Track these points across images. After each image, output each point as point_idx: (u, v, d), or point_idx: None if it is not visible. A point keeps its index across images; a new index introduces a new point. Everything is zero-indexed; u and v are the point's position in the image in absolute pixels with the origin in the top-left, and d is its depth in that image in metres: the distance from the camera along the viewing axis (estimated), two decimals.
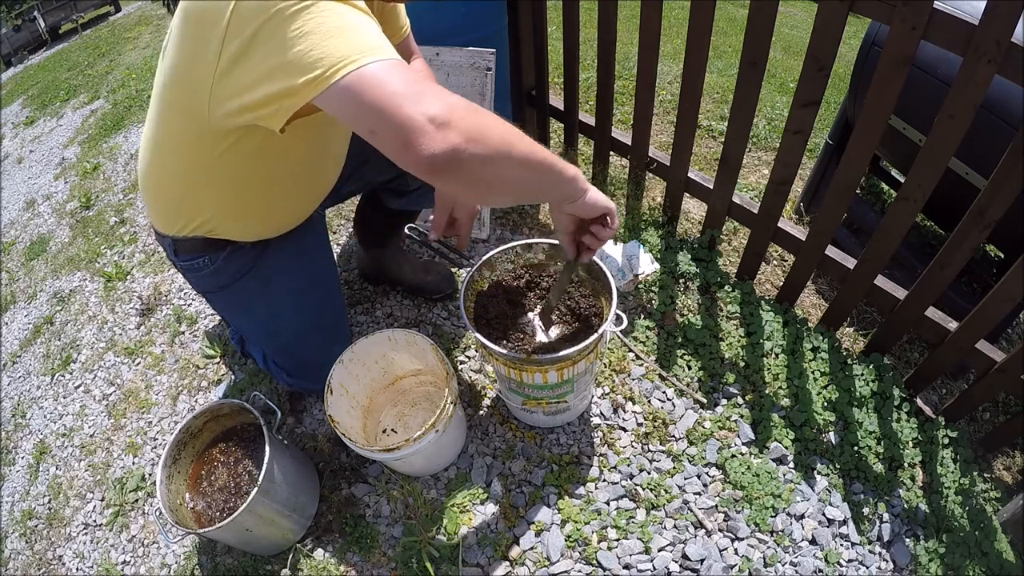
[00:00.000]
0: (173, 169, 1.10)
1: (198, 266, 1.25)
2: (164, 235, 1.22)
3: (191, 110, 0.93)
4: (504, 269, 1.37)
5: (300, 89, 0.74)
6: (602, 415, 1.53)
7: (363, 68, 0.72)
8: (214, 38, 0.80)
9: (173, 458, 1.32)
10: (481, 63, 1.76)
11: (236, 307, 1.40)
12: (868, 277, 1.47)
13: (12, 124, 4.55)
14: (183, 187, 1.12)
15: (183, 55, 0.90)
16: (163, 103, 1.01)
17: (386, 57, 0.74)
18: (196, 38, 0.84)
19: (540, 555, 1.31)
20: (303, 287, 1.38)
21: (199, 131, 0.96)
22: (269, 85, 0.78)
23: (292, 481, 1.32)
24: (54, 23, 9.10)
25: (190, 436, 1.37)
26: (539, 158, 0.85)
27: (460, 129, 0.72)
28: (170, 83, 0.96)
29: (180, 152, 1.05)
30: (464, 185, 0.79)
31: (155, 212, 1.21)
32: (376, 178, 1.51)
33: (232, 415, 1.41)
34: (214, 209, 1.15)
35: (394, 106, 0.70)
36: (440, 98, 0.72)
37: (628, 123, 2.59)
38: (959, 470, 1.39)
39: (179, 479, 1.34)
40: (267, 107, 0.81)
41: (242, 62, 0.79)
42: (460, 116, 0.72)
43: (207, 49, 0.82)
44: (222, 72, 0.82)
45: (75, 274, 2.43)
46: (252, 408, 1.32)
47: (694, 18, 1.44)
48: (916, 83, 1.40)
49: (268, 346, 1.52)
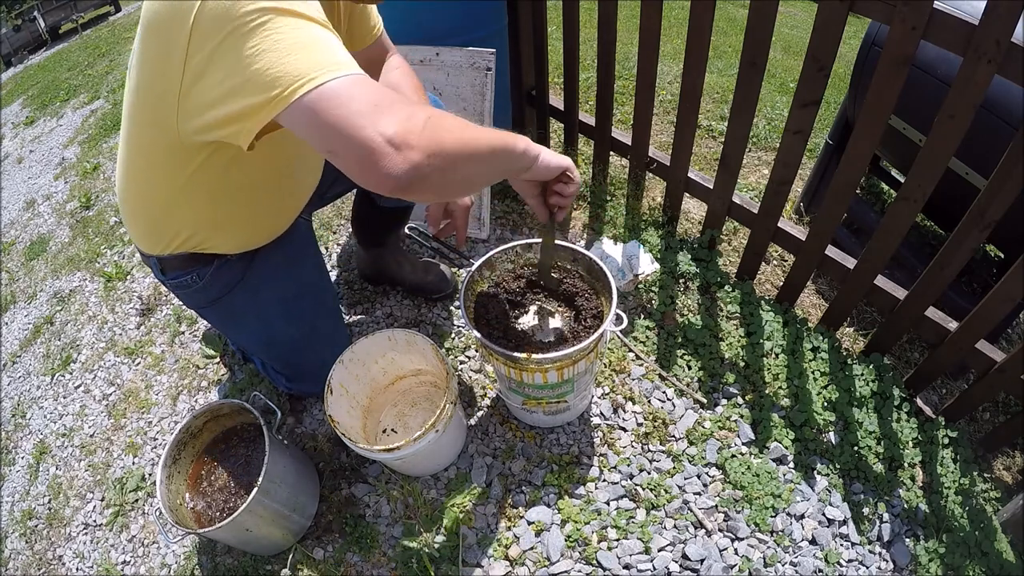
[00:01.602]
0: (149, 188, 1.09)
1: (186, 283, 1.24)
2: (149, 255, 1.21)
3: (161, 127, 0.91)
4: (504, 269, 1.37)
5: (260, 109, 0.74)
6: (602, 415, 1.53)
7: (323, 87, 0.71)
8: (177, 52, 0.78)
9: (173, 458, 1.32)
10: (481, 63, 1.76)
11: (228, 320, 1.39)
12: (868, 277, 1.47)
13: (12, 124, 4.55)
14: (161, 206, 1.11)
15: (148, 72, 0.88)
16: (133, 123, 1.00)
17: (346, 73, 0.73)
18: (160, 53, 0.83)
19: (540, 555, 1.31)
20: (293, 295, 1.36)
21: (170, 147, 0.96)
22: (230, 104, 0.77)
23: (292, 481, 1.32)
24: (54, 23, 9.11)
25: (190, 436, 1.37)
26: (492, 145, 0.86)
27: (419, 147, 0.72)
28: (138, 102, 0.94)
29: (154, 170, 1.04)
30: (431, 196, 0.80)
31: (137, 233, 1.19)
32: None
33: (232, 415, 1.41)
34: (194, 224, 1.14)
35: (352, 127, 0.70)
36: (397, 115, 0.72)
37: (628, 123, 2.58)
38: (959, 470, 1.39)
39: (179, 479, 1.34)
40: (230, 126, 0.80)
41: (203, 80, 0.78)
42: (418, 132, 0.72)
43: (171, 65, 0.80)
44: (186, 89, 0.81)
45: (75, 274, 2.43)
46: (252, 408, 1.32)
47: (694, 18, 1.44)
48: (916, 83, 1.40)
49: (264, 355, 1.52)
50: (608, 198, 2.11)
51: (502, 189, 2.18)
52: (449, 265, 1.90)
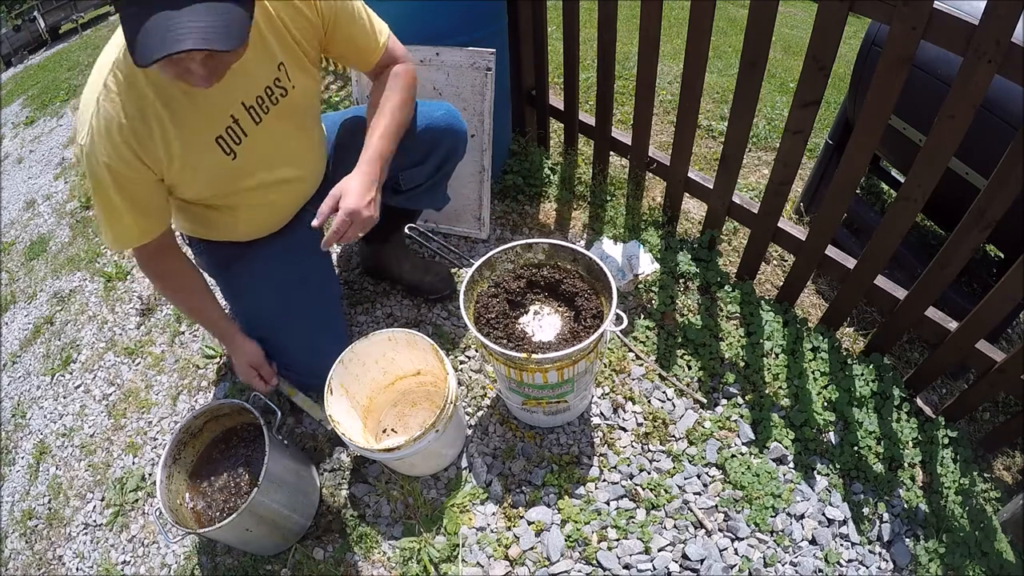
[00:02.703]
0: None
1: (196, 251, 1.51)
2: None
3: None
4: (504, 269, 1.37)
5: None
6: (602, 415, 1.53)
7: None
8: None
9: (173, 458, 1.32)
10: (481, 63, 1.76)
11: (228, 293, 1.56)
12: (868, 277, 1.47)
13: (12, 124, 4.55)
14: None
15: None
16: None
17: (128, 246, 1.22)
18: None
19: (540, 555, 1.31)
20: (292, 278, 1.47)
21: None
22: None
23: (292, 481, 1.32)
24: (54, 23, 9.12)
25: (190, 436, 1.37)
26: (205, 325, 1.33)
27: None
28: None
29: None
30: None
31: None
32: None
33: (232, 415, 1.41)
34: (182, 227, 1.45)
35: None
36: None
37: (628, 123, 2.59)
38: (959, 470, 1.39)
39: (179, 479, 1.34)
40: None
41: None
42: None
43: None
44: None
45: (75, 274, 2.43)
46: (252, 408, 1.32)
47: (694, 18, 1.44)
48: (916, 83, 1.40)
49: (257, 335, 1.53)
50: (608, 198, 2.11)
51: (502, 189, 2.18)
52: (449, 265, 1.90)
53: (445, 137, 1.49)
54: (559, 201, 2.18)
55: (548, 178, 2.21)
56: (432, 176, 1.55)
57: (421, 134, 1.45)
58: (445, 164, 1.55)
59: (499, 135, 2.02)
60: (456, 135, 1.51)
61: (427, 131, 1.46)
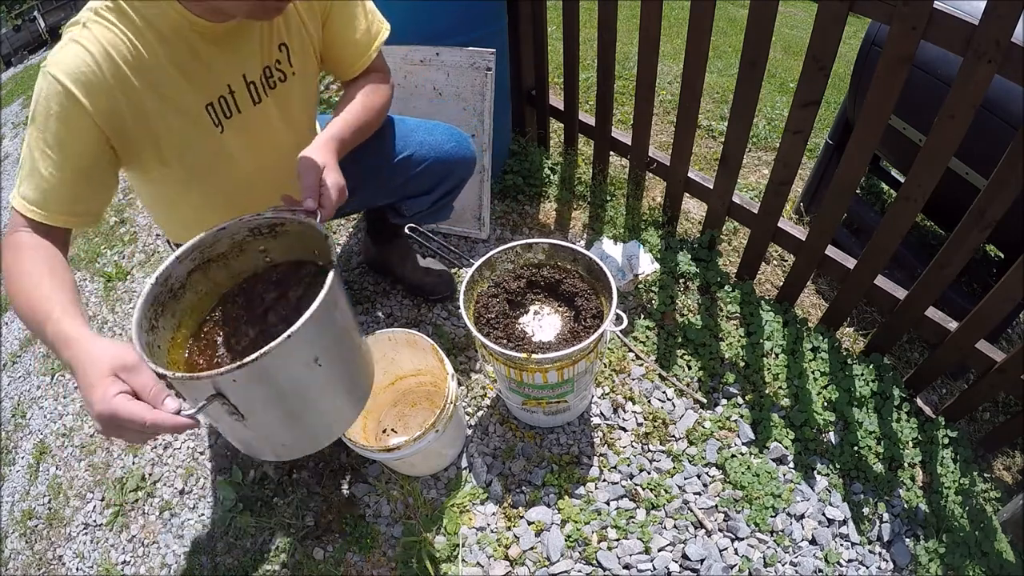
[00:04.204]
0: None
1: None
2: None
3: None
4: (504, 269, 1.37)
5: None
6: (602, 415, 1.53)
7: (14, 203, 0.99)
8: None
9: (151, 323, 0.86)
10: (481, 63, 1.76)
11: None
12: (868, 277, 1.47)
13: (12, 124, 4.55)
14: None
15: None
16: None
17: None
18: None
19: (540, 555, 1.31)
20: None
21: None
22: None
23: (351, 346, 0.91)
24: (54, 23, 9.12)
25: (169, 294, 0.88)
26: (25, 317, 0.93)
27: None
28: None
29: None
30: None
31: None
32: (374, 202, 1.54)
33: (245, 250, 0.94)
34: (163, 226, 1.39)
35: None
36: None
37: (628, 123, 2.59)
38: (959, 470, 1.39)
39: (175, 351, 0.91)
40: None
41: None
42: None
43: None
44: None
45: (75, 274, 2.43)
46: (316, 226, 0.88)
47: (694, 18, 1.44)
48: (916, 83, 1.40)
49: None
50: (608, 198, 2.11)
51: (502, 189, 2.18)
52: (449, 265, 1.90)
53: (457, 168, 1.45)
54: (559, 201, 2.18)
55: (548, 178, 2.21)
56: (437, 202, 1.52)
57: (431, 166, 1.41)
58: (453, 191, 1.52)
59: (499, 135, 2.02)
60: (467, 164, 1.46)
61: (438, 163, 1.41)
